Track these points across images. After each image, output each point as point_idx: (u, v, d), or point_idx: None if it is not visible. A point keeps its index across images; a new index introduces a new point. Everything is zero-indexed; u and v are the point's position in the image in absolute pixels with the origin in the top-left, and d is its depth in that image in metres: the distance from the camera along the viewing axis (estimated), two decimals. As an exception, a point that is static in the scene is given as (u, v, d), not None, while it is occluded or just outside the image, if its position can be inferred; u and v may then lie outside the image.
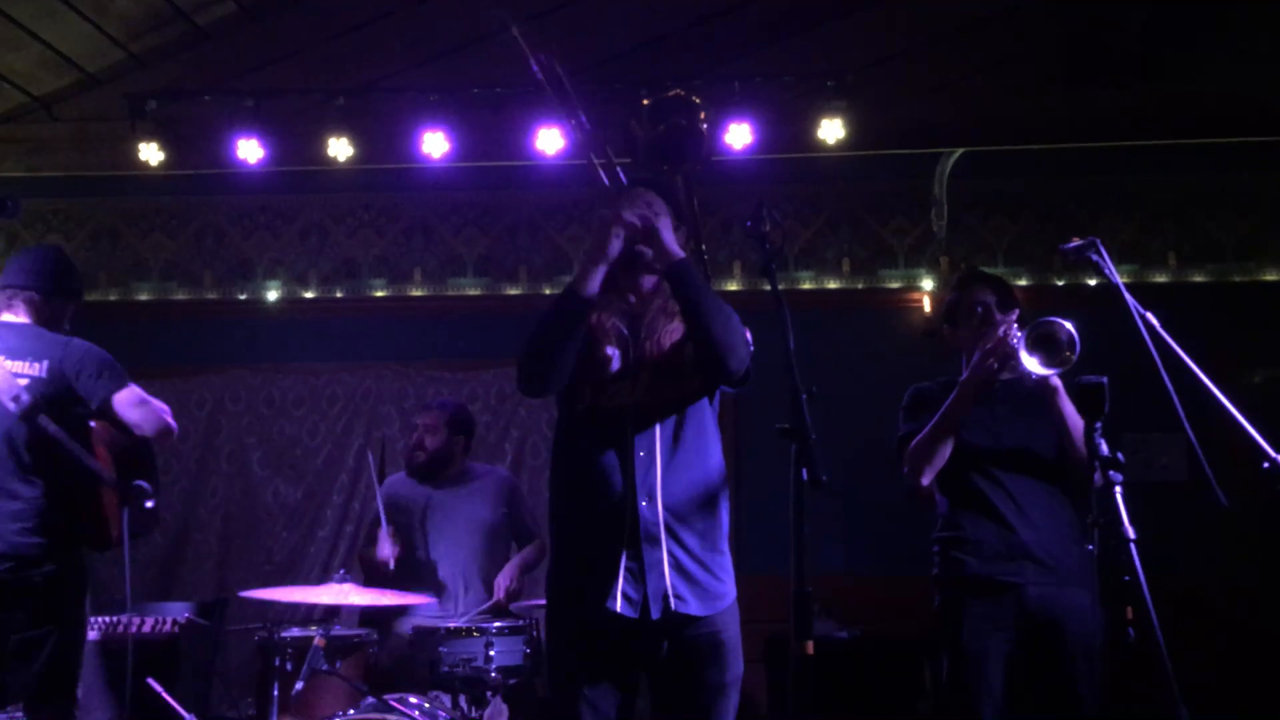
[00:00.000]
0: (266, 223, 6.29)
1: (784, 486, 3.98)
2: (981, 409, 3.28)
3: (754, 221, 2.47)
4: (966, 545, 3.25)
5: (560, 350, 2.56)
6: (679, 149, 2.60)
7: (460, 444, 4.59)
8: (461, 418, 4.63)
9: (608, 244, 2.56)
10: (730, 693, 2.60)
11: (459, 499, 4.52)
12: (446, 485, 4.55)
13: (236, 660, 5.30)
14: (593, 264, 2.56)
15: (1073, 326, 3.10)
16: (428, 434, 4.54)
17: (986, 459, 3.28)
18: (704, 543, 2.60)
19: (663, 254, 2.58)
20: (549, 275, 6.17)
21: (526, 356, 2.60)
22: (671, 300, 2.63)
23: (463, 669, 3.77)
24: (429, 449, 4.53)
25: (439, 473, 4.54)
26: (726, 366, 2.56)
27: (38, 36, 5.48)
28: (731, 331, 2.56)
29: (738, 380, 2.61)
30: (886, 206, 6.17)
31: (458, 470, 4.59)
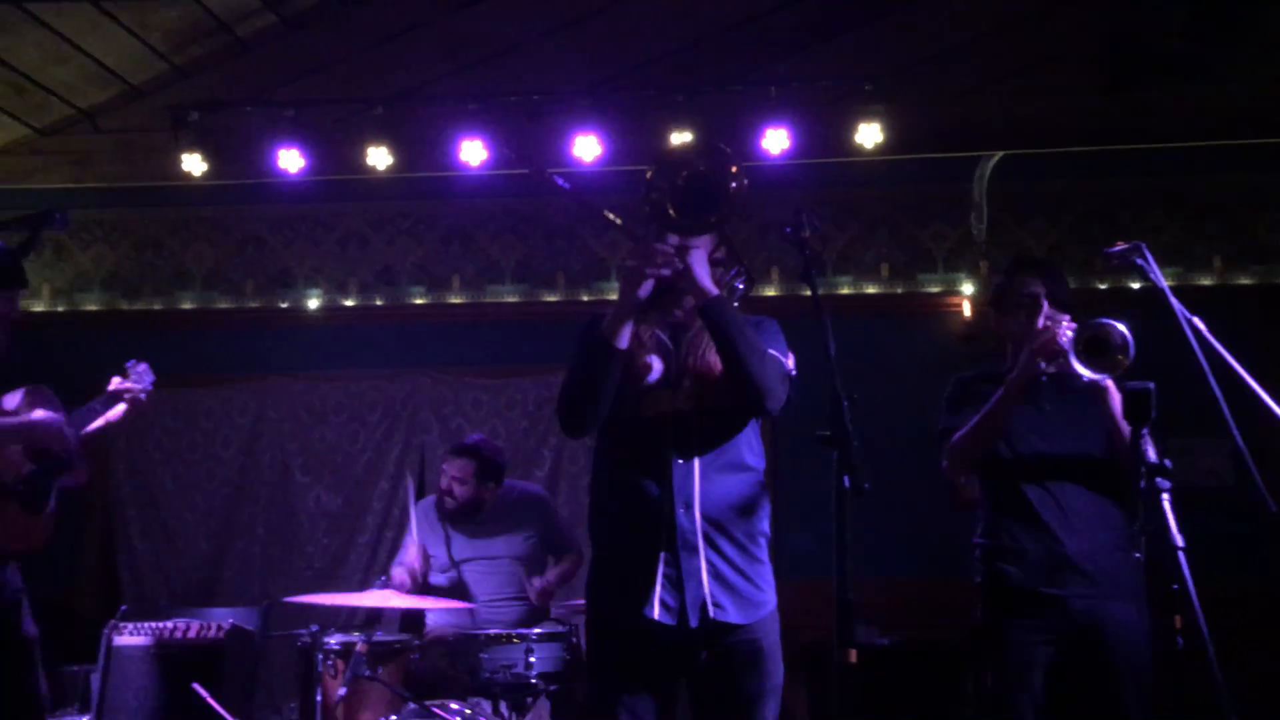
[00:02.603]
0: (307, 231, 6.35)
1: (822, 492, 3.96)
2: (1027, 407, 3.17)
3: (793, 228, 2.45)
4: (1009, 555, 3.16)
5: (594, 398, 2.57)
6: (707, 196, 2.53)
7: (490, 489, 4.56)
8: (490, 465, 4.57)
9: (634, 294, 2.54)
10: (770, 701, 2.59)
11: (493, 535, 4.54)
12: (478, 525, 4.56)
13: (279, 665, 5.34)
14: (620, 317, 2.55)
15: (1126, 328, 2.98)
16: (456, 484, 4.51)
17: (1031, 461, 3.17)
18: (743, 551, 2.60)
19: (695, 292, 2.56)
20: (586, 281, 6.18)
21: (564, 403, 2.62)
22: None
23: (503, 675, 3.78)
24: (459, 498, 4.51)
25: (469, 518, 4.55)
26: (763, 406, 2.57)
27: (82, 49, 5.57)
28: (766, 371, 2.54)
29: (775, 414, 2.61)
30: (925, 210, 6.12)
31: (489, 506, 4.57)
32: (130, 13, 5.40)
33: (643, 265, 2.52)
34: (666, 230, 2.54)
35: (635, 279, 2.53)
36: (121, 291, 6.41)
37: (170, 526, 5.99)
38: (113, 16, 5.38)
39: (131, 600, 5.55)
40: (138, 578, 5.94)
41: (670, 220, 2.50)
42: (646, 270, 2.52)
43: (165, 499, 6.04)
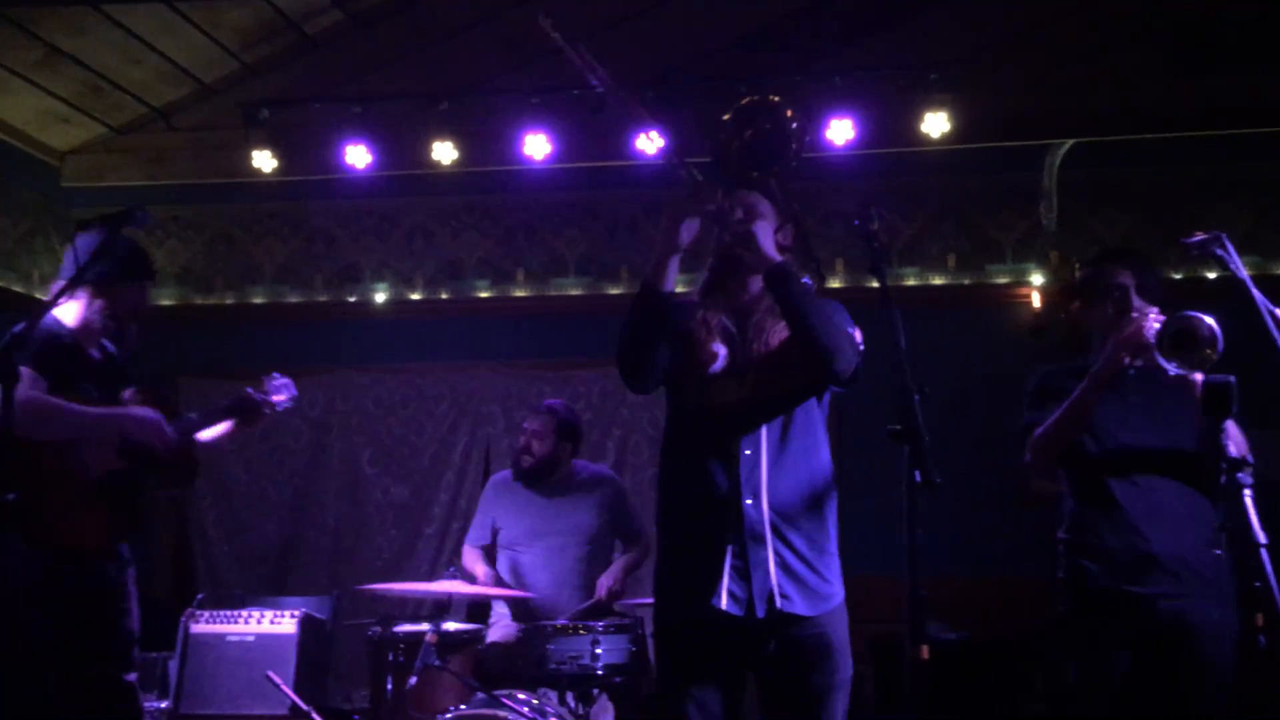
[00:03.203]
0: (373, 226, 6.42)
1: (887, 486, 3.92)
2: (1114, 399, 3.08)
3: (861, 220, 2.43)
4: (1093, 552, 3.08)
5: (647, 345, 2.57)
6: (769, 154, 2.56)
7: (567, 450, 4.58)
8: (570, 424, 4.60)
9: (676, 234, 2.55)
10: (839, 694, 2.58)
11: (563, 505, 4.54)
12: (551, 490, 4.55)
13: (349, 654, 5.43)
14: (664, 257, 2.57)
15: (1215, 322, 2.88)
16: (535, 439, 4.52)
17: (1117, 456, 3.08)
18: (810, 543, 2.58)
19: (760, 258, 2.57)
20: (650, 274, 6.19)
21: (619, 355, 2.63)
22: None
23: (570, 666, 3.80)
24: (536, 455, 4.52)
25: (544, 478, 4.55)
26: (831, 369, 2.53)
27: (156, 49, 5.69)
28: (834, 333, 2.53)
29: (845, 381, 2.58)
30: (993, 200, 6.03)
31: (563, 475, 4.59)
32: (202, 12, 5.50)
33: (690, 201, 2.54)
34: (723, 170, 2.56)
35: (679, 212, 2.55)
36: (195, 286, 6.54)
37: (243, 517, 6.10)
38: (185, 16, 5.49)
39: (206, 589, 5.67)
40: (212, 567, 6.07)
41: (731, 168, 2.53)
42: (694, 206, 2.53)
43: (237, 490, 6.16)
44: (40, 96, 5.81)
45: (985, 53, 5.62)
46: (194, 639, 4.70)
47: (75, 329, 3.23)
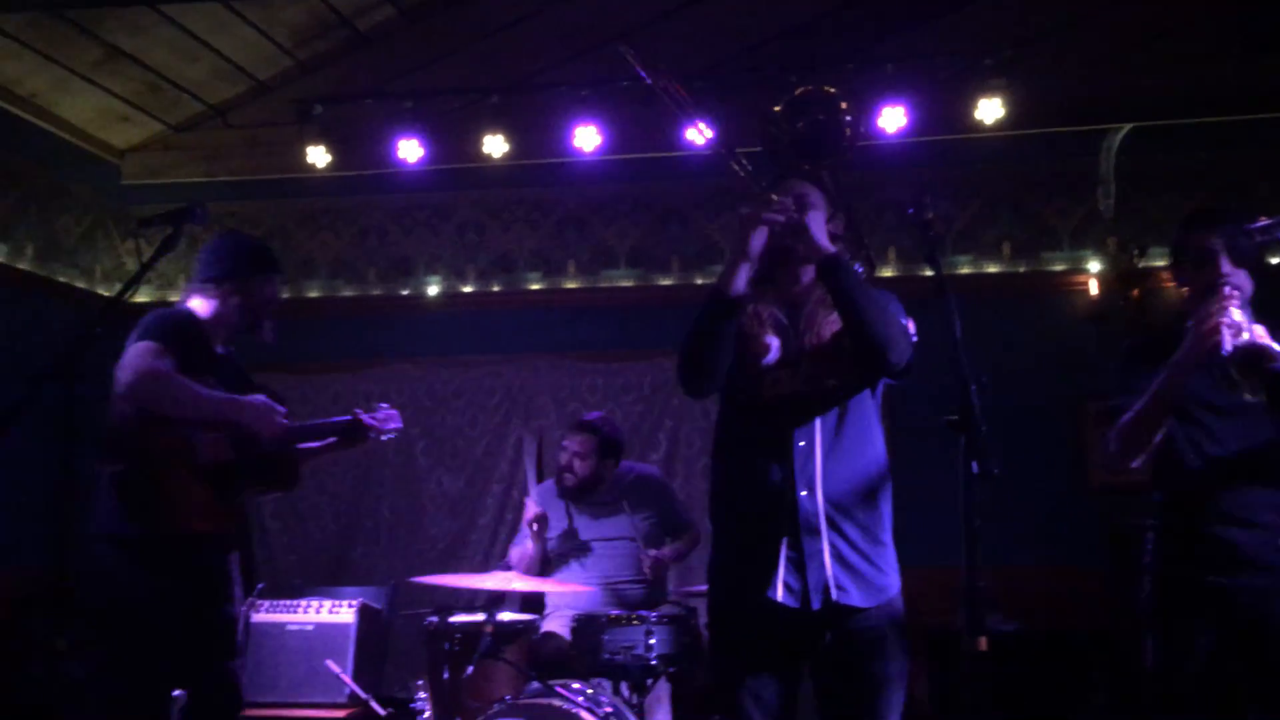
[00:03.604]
0: (425, 220, 6.47)
1: (941, 476, 3.87)
2: (1205, 381, 2.92)
3: (916, 208, 2.41)
4: (1179, 540, 3.00)
5: (713, 351, 2.56)
6: (821, 144, 2.54)
7: (610, 465, 4.56)
8: (611, 441, 4.57)
9: (748, 242, 2.54)
10: (895, 686, 2.56)
11: (609, 516, 4.54)
12: (596, 504, 4.56)
13: (405, 644, 5.48)
14: (735, 264, 2.55)
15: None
16: (577, 459, 4.51)
17: (1207, 442, 2.95)
18: (866, 534, 2.57)
19: (812, 249, 2.55)
20: (701, 265, 6.18)
21: (682, 359, 2.61)
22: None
23: (624, 656, 3.81)
24: (578, 474, 4.51)
25: (587, 495, 4.56)
26: (885, 360, 2.51)
27: (211, 47, 5.77)
28: (888, 324, 2.51)
29: (899, 373, 2.56)
30: (1049, 186, 5.94)
31: (606, 485, 4.58)
32: (257, 10, 5.57)
33: (758, 212, 2.51)
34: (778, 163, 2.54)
35: (749, 224, 2.52)
36: (251, 281, 6.62)
37: (300, 508, 6.18)
38: (240, 15, 5.56)
39: (266, 579, 5.76)
40: (271, 558, 6.16)
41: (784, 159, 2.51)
42: (763, 216, 2.51)
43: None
44: (101, 96, 5.92)
45: (1040, 37, 5.53)
46: (255, 628, 4.78)
47: (208, 322, 3.32)
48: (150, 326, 3.17)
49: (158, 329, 3.16)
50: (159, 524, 3.11)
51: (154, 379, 3.05)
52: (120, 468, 3.07)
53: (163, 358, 3.08)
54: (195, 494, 3.17)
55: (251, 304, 3.38)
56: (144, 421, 3.07)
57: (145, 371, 3.04)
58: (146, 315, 3.24)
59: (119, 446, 3.08)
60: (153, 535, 3.10)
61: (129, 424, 3.07)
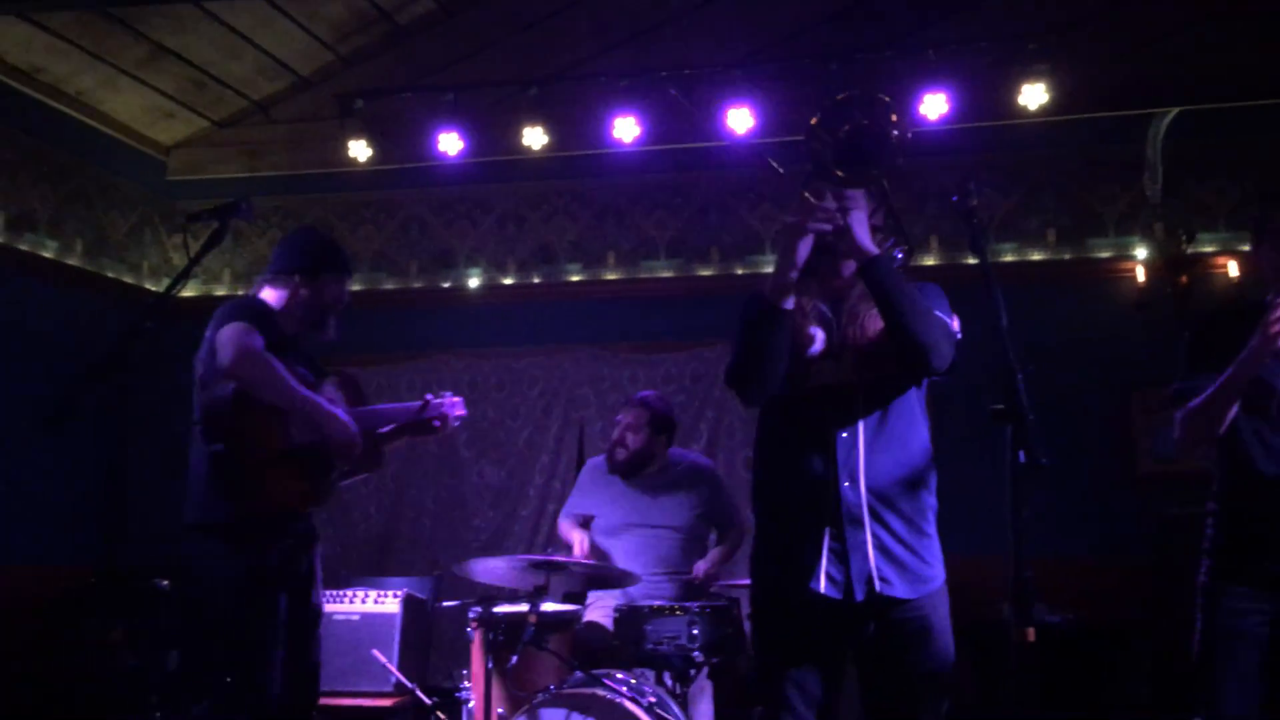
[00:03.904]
0: (466, 212, 6.50)
1: (985, 466, 3.83)
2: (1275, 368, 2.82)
3: (960, 196, 2.38)
4: (1239, 522, 2.92)
5: (768, 362, 2.54)
6: (868, 148, 2.48)
7: (662, 442, 4.56)
8: (665, 417, 4.58)
9: (795, 252, 2.51)
10: (940, 677, 2.55)
11: (658, 497, 4.53)
12: (646, 482, 4.55)
13: (449, 634, 5.53)
14: (783, 276, 2.52)
15: None
16: (630, 432, 4.51)
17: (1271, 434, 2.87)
18: (909, 525, 2.56)
19: (855, 251, 2.52)
20: (741, 255, 6.16)
21: (735, 371, 2.59)
22: None
23: (667, 647, 3.82)
24: (631, 448, 4.51)
25: (639, 471, 4.55)
26: (927, 364, 2.50)
27: (254, 43, 5.83)
28: (930, 328, 2.49)
29: (941, 375, 2.55)
30: (1094, 172, 5.85)
31: (658, 466, 4.57)
32: (298, 6, 5.62)
33: (804, 220, 2.49)
34: (829, 184, 2.48)
35: (796, 235, 2.50)
36: (295, 275, 6.68)
37: (345, 499, 6.24)
38: (282, 10, 5.61)
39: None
40: (317, 548, 6.22)
41: (832, 174, 2.47)
42: (808, 225, 2.49)
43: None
44: (146, 93, 6.00)
45: (1084, 20, 5.46)
46: (302, 618, 4.82)
47: (278, 313, 3.38)
48: (237, 310, 3.23)
49: (245, 312, 3.22)
50: (257, 505, 3.14)
51: (255, 358, 3.10)
52: (219, 449, 3.10)
53: (253, 337, 3.13)
54: (290, 475, 3.21)
55: (319, 300, 3.43)
56: (241, 402, 3.11)
57: (246, 350, 3.09)
58: (225, 304, 3.30)
59: (217, 428, 3.12)
60: (250, 517, 3.14)
61: (226, 405, 3.11)
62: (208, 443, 3.12)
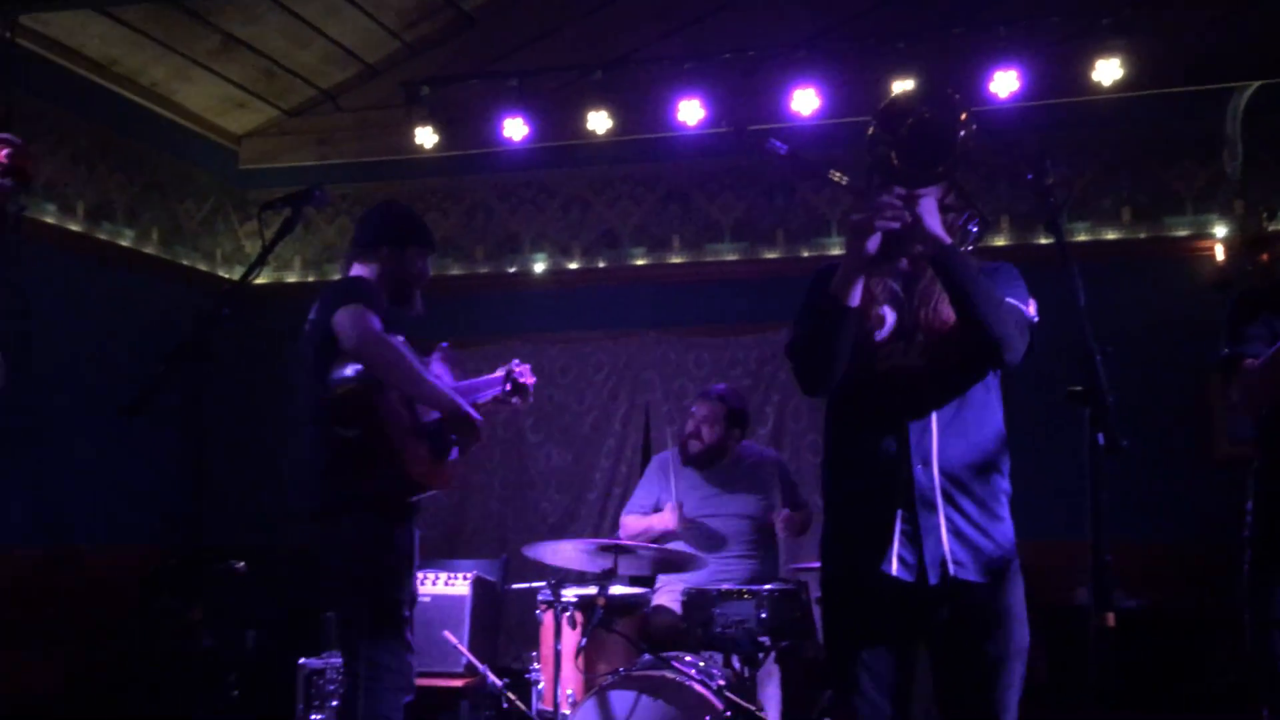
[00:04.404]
0: (531, 197, 6.52)
1: (1057, 449, 3.77)
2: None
3: (1036, 174, 2.33)
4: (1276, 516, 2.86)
5: (828, 353, 2.51)
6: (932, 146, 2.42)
7: (735, 435, 4.57)
8: (739, 411, 4.59)
9: (862, 249, 2.44)
10: (1014, 663, 2.51)
11: (729, 489, 4.54)
12: (718, 475, 4.56)
13: (517, 616, 5.58)
14: (849, 273, 2.47)
15: None
16: (705, 425, 4.52)
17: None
18: (983, 509, 2.52)
19: (927, 241, 2.46)
20: (806, 237, 6.11)
21: (799, 364, 2.57)
22: None
23: (734, 630, 3.82)
24: (705, 441, 4.52)
25: (712, 463, 4.56)
26: (1000, 358, 2.46)
27: (323, 32, 5.90)
28: (1003, 321, 2.43)
29: (1015, 366, 2.51)
30: (1171, 149, 5.71)
31: (730, 459, 4.58)
32: (365, -6, 5.68)
33: (871, 219, 2.44)
34: (892, 183, 2.46)
35: (863, 233, 2.44)
36: (363, 261, 6.76)
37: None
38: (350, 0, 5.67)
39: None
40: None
41: (896, 173, 2.42)
42: (876, 223, 2.45)
43: (409, 457, 6.36)
44: (218, 83, 6.10)
45: (1161, -7, 5.33)
46: (373, 600, 4.89)
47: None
48: (350, 291, 3.23)
49: (360, 293, 3.21)
50: (399, 485, 3.18)
51: (379, 340, 3.12)
52: (353, 432, 3.12)
53: (375, 319, 3.14)
54: (422, 454, 3.25)
55: (403, 274, 3.44)
56: (369, 385, 3.12)
57: (370, 331, 3.10)
58: (332, 285, 3.33)
59: (349, 413, 3.14)
60: (393, 497, 3.18)
61: (356, 388, 3.13)
62: (340, 427, 3.13)
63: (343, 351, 3.13)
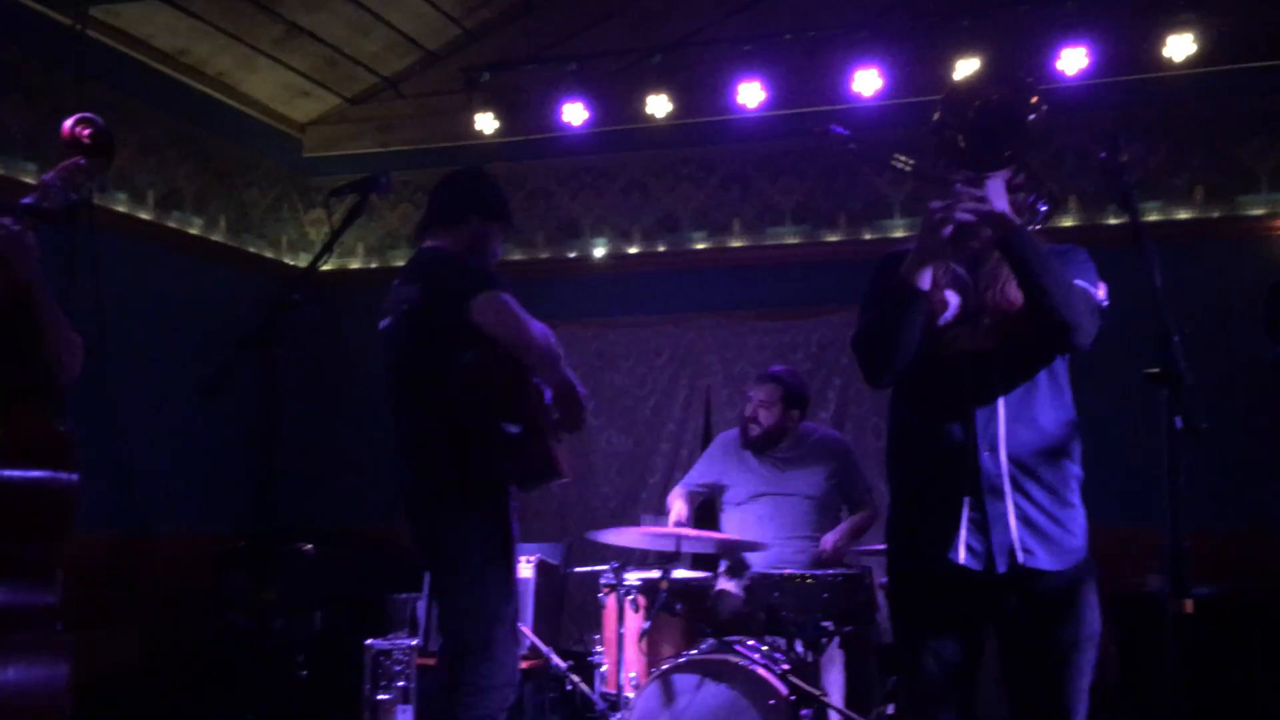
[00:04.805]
0: (591, 182, 6.52)
1: (1128, 432, 3.69)
2: None
3: (1109, 152, 2.29)
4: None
5: (898, 345, 2.47)
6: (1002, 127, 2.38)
7: (795, 417, 4.54)
8: (797, 392, 4.56)
9: (937, 239, 2.42)
10: (1085, 651, 2.47)
11: (790, 472, 4.52)
12: (779, 457, 4.54)
13: (579, 599, 5.60)
14: (921, 260, 2.45)
15: None
16: (762, 408, 4.50)
17: None
18: (1053, 495, 2.48)
19: (994, 223, 2.43)
20: (869, 220, 6.04)
21: (866, 352, 2.54)
22: None
23: (798, 615, 3.81)
24: (764, 424, 4.49)
25: (772, 446, 4.53)
26: (1069, 341, 2.42)
27: (384, 20, 5.94)
28: (1072, 305, 2.39)
29: (1082, 352, 2.46)
30: (1246, 125, 5.54)
31: (791, 441, 4.55)
32: (426, -20, 5.71)
33: (950, 210, 2.40)
34: (960, 168, 2.42)
35: (940, 224, 2.41)
36: (425, 248, 6.81)
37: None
38: (411, -15, 5.71)
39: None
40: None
41: (963, 156, 2.38)
42: (956, 215, 2.41)
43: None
44: (282, 72, 6.17)
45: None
46: (439, 582, 4.94)
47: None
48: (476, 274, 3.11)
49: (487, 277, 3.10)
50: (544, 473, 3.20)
51: (532, 328, 3.09)
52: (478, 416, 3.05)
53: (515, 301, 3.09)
54: (556, 440, 3.25)
55: (481, 250, 3.31)
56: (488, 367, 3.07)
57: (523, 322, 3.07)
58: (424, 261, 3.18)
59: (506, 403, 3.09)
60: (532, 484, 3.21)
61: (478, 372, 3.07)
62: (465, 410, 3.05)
63: (465, 334, 3.03)
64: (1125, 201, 2.23)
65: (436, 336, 3.11)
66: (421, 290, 3.14)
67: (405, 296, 3.15)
